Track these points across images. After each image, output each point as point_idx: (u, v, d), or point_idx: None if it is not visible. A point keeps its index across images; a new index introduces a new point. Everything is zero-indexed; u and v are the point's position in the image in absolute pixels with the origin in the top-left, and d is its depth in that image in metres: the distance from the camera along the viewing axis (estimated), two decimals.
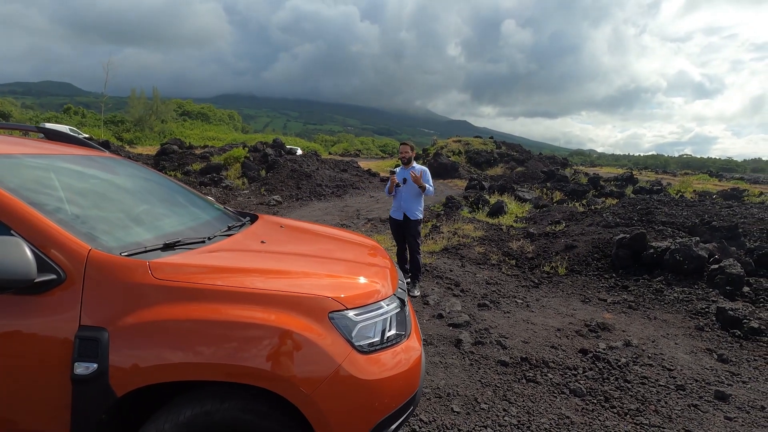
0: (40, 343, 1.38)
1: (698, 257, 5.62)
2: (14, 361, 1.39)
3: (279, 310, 1.49)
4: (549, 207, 10.92)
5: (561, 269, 6.21)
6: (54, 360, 1.37)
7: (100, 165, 2.29)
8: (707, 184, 24.05)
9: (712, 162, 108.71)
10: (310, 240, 2.44)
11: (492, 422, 2.56)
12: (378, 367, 1.60)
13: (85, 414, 1.38)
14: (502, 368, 3.24)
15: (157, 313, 1.41)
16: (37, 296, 1.40)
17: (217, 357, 1.39)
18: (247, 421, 1.44)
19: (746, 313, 4.40)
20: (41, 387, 1.39)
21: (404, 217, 4.93)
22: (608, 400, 2.87)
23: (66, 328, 1.38)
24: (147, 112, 52.77)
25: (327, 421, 1.46)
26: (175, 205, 2.43)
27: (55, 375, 1.37)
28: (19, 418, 1.41)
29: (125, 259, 1.50)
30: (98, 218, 1.79)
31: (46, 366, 1.38)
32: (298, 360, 1.44)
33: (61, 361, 1.37)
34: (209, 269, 1.60)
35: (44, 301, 1.40)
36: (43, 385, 1.39)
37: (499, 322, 4.19)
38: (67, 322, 1.39)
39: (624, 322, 4.40)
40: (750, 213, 8.21)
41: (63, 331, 1.38)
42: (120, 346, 1.37)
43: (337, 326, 1.55)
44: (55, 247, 1.43)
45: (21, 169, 1.74)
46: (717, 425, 2.63)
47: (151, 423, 1.43)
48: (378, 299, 1.76)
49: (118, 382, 1.36)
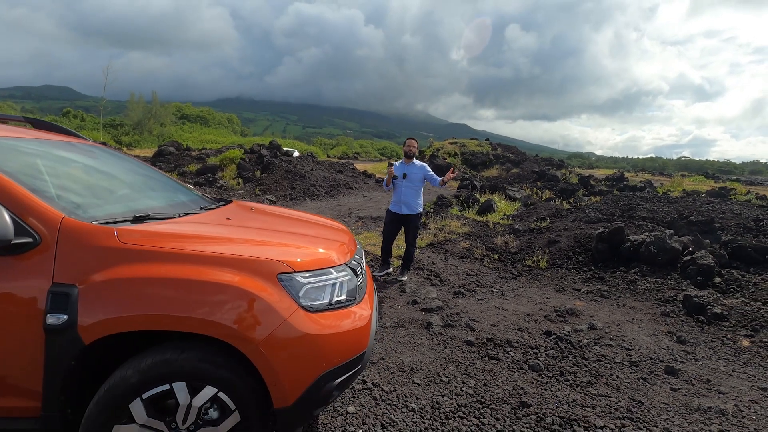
0: (17, 297, 1.56)
1: (672, 249, 5.79)
2: None
3: (233, 271, 1.67)
4: (537, 205, 11.11)
5: (542, 263, 6.38)
6: (30, 312, 1.55)
7: (81, 151, 2.47)
8: (701, 185, 24.23)
9: (710, 164, 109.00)
10: (275, 220, 2.62)
11: (449, 392, 2.73)
12: (323, 325, 1.78)
13: (57, 360, 1.56)
14: (468, 347, 3.42)
15: (121, 272, 1.59)
16: (16, 257, 1.57)
17: (173, 309, 1.57)
18: (203, 370, 1.62)
19: (711, 300, 4.58)
20: (18, 336, 1.57)
21: (404, 212, 5.07)
22: (563, 374, 3.04)
23: (40, 284, 1.56)
24: (146, 116, 53.06)
25: (274, 369, 1.64)
26: (152, 189, 2.61)
27: (31, 325, 1.55)
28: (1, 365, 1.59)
29: (94, 226, 1.68)
30: (75, 194, 1.98)
31: (23, 317, 1.56)
32: (248, 314, 1.62)
33: (35, 313, 1.54)
34: (171, 236, 1.78)
35: (21, 261, 1.58)
36: (20, 334, 1.56)
37: (471, 308, 4.37)
38: (42, 279, 1.57)
39: (593, 308, 4.58)
40: (729, 209, 8.39)
41: (37, 288, 1.56)
42: (87, 300, 1.55)
43: (285, 286, 1.73)
44: (31, 214, 1.61)
45: (5, 150, 1.93)
46: (661, 395, 2.81)
47: (117, 371, 1.61)
48: (327, 266, 1.94)
49: (85, 332, 1.54)
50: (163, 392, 1.61)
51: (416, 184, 5.08)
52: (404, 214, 5.10)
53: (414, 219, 5.13)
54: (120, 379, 1.57)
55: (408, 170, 5.06)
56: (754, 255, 5.90)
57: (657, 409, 2.62)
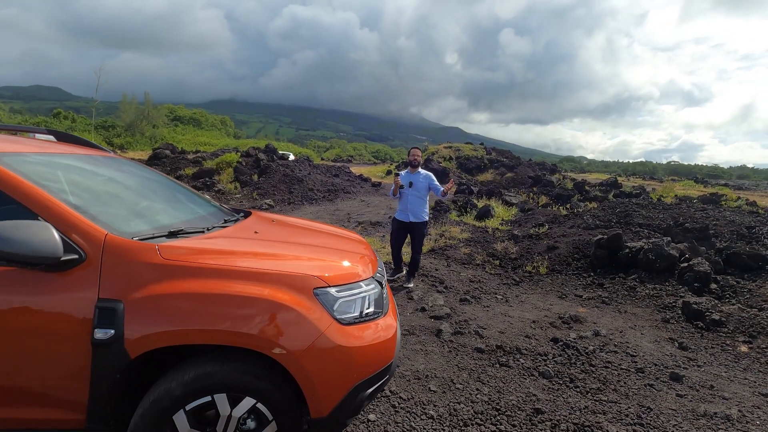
0: (64, 313, 1.61)
1: (669, 256, 5.95)
2: (43, 328, 1.61)
3: (271, 286, 1.74)
4: (534, 211, 11.26)
5: (542, 269, 6.50)
6: (77, 327, 1.60)
7: (107, 164, 2.52)
8: (691, 190, 24.66)
9: (698, 169, 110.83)
10: (298, 232, 2.68)
11: (465, 399, 2.81)
12: (356, 337, 1.85)
13: (103, 374, 1.61)
14: (478, 354, 3.50)
15: (165, 287, 1.65)
16: (62, 273, 1.62)
17: (217, 324, 1.63)
18: (243, 381, 1.68)
19: (709, 307, 4.71)
20: (65, 351, 1.61)
21: (411, 220, 5.16)
22: (573, 381, 3.13)
23: (87, 300, 1.61)
24: (138, 117, 52.60)
25: (312, 380, 1.70)
26: (176, 201, 2.66)
27: (78, 340, 1.60)
28: (47, 378, 1.63)
29: (137, 242, 1.73)
30: (111, 209, 2.03)
31: (70, 332, 1.60)
32: (287, 328, 1.69)
33: (82, 328, 1.59)
34: (209, 252, 1.84)
35: (68, 277, 1.63)
36: (67, 349, 1.61)
37: (478, 315, 4.46)
38: (88, 295, 1.62)
39: (596, 315, 4.69)
40: (723, 216, 8.60)
41: (84, 303, 1.61)
42: (133, 314, 1.60)
43: (321, 300, 1.80)
44: (76, 232, 1.66)
45: (42, 166, 1.98)
46: (668, 401, 2.91)
47: (160, 383, 1.66)
48: (357, 280, 2.01)
49: (131, 346, 1.59)
50: (204, 404, 1.67)
51: (422, 192, 5.18)
52: (410, 222, 5.19)
53: (420, 226, 5.23)
54: (165, 391, 1.63)
55: (414, 179, 5.17)
56: (748, 262, 6.08)
57: (666, 415, 2.72)
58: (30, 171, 1.82)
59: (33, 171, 1.85)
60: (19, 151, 1.99)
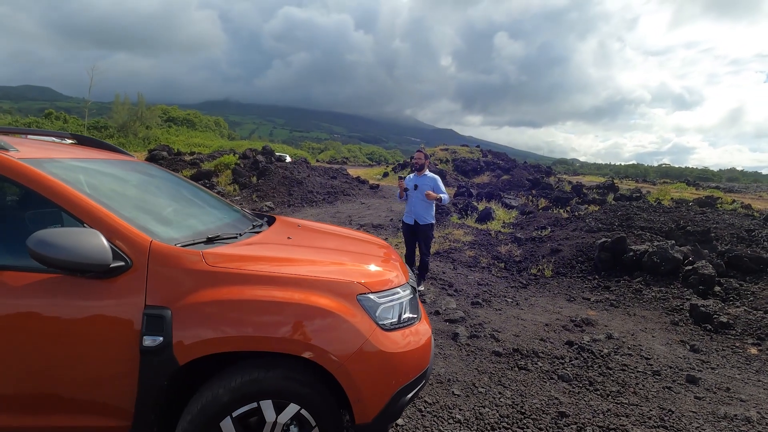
0: (112, 320, 1.60)
1: (674, 259, 6.03)
2: (89, 336, 1.60)
3: (317, 293, 1.74)
4: (534, 213, 11.34)
5: (547, 271, 6.55)
6: (124, 334, 1.59)
7: (136, 168, 2.51)
8: (684, 193, 24.98)
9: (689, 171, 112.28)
10: (327, 237, 2.69)
11: (489, 403, 2.83)
12: (397, 342, 1.86)
13: (151, 381, 1.60)
14: (496, 358, 3.52)
15: (213, 294, 1.65)
16: (109, 281, 1.62)
17: (265, 331, 1.63)
18: (288, 388, 1.69)
19: (716, 309, 4.78)
20: (113, 358, 1.61)
21: (415, 222, 5.17)
22: (592, 384, 3.17)
23: (134, 307, 1.61)
24: (131, 118, 52.13)
25: (357, 386, 1.71)
26: (203, 205, 2.66)
27: (126, 347, 1.59)
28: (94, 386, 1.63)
29: (182, 249, 1.73)
30: (150, 214, 2.02)
31: (117, 339, 1.60)
32: (333, 333, 1.70)
33: (130, 334, 1.59)
34: (252, 258, 1.85)
35: (114, 284, 1.62)
36: (115, 355, 1.61)
37: (491, 318, 4.49)
38: (135, 302, 1.61)
39: (606, 318, 4.74)
40: (722, 219, 8.73)
41: (131, 310, 1.60)
42: (182, 321, 1.60)
43: (364, 306, 1.81)
44: (122, 239, 1.66)
45: (79, 172, 1.97)
46: (687, 403, 2.95)
47: (206, 389, 1.66)
48: (395, 286, 2.03)
49: (180, 353, 1.59)
50: (250, 410, 1.67)
51: None
52: (415, 224, 5.21)
53: (425, 229, 5.22)
54: (212, 398, 1.63)
55: (419, 182, 5.16)
56: (750, 264, 6.17)
57: (687, 417, 2.77)
58: (70, 177, 1.82)
59: (72, 177, 1.84)
60: (56, 157, 1.98)
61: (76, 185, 1.76)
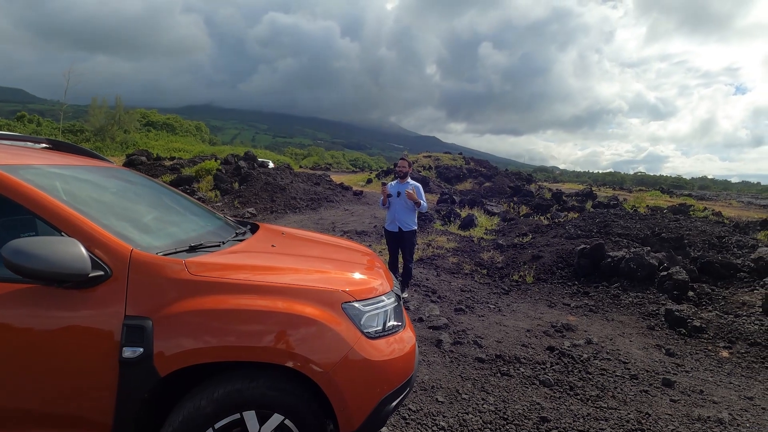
0: (90, 330, 1.56)
1: (649, 265, 6.20)
2: (66, 347, 1.56)
3: (301, 301, 1.74)
4: (516, 220, 11.52)
5: (529, 278, 6.66)
6: (103, 345, 1.56)
7: (114, 174, 2.46)
8: (659, 200, 25.74)
9: (663, 179, 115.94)
10: (312, 245, 2.69)
11: (473, 409, 2.85)
12: (382, 350, 1.87)
13: (131, 393, 1.57)
14: (479, 364, 3.56)
15: (195, 304, 1.63)
16: (87, 291, 1.58)
17: (249, 341, 1.62)
18: (273, 397, 1.67)
19: (690, 314, 4.94)
20: (90, 369, 1.57)
21: (398, 229, 5.18)
22: (573, 388, 3.23)
23: (113, 318, 1.57)
24: (109, 122, 50.88)
25: (342, 395, 1.71)
26: (184, 213, 2.61)
27: (104, 358, 1.56)
28: (71, 398, 1.58)
29: (163, 258, 1.71)
30: (130, 222, 1.98)
31: (96, 351, 1.56)
32: (317, 342, 1.69)
33: (110, 346, 1.55)
34: (235, 267, 1.83)
35: (93, 294, 1.59)
36: (93, 367, 1.56)
37: (474, 324, 4.53)
38: (114, 312, 1.58)
39: (586, 323, 4.84)
40: (694, 226, 9.03)
41: (110, 321, 1.57)
42: (163, 332, 1.57)
43: (349, 315, 1.82)
44: (101, 248, 1.63)
45: (56, 179, 1.92)
46: (663, 406, 3.04)
47: (188, 400, 1.63)
48: (379, 294, 2.04)
49: (161, 364, 1.56)
50: (233, 421, 1.65)
51: (409, 202, 5.20)
52: (398, 231, 5.23)
53: (408, 235, 5.25)
54: (194, 409, 1.60)
55: (402, 189, 5.20)
56: (721, 270, 6.40)
57: (663, 420, 2.84)
58: (46, 184, 1.77)
59: (49, 184, 1.80)
60: (31, 163, 1.93)
61: (53, 192, 1.72)
